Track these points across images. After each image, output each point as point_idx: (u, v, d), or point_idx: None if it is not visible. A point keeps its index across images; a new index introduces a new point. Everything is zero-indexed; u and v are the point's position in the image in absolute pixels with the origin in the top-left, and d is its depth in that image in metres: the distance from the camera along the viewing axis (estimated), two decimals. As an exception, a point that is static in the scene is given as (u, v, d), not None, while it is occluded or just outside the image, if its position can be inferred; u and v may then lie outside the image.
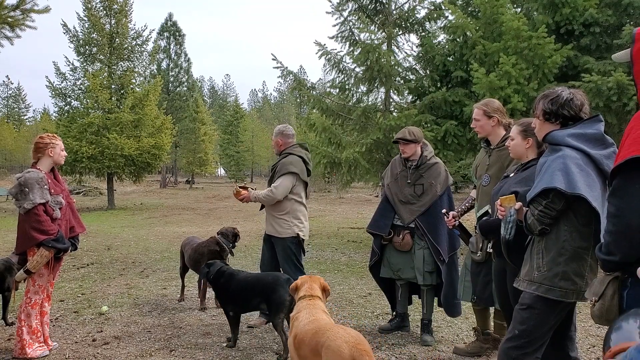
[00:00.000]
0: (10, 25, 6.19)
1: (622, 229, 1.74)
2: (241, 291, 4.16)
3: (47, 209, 3.78)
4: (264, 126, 56.87)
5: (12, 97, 72.38)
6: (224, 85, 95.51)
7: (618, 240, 1.76)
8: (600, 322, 1.91)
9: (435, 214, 4.14)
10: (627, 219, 1.72)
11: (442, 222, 4.04)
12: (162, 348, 4.13)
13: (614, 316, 1.82)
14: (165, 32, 42.05)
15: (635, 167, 1.68)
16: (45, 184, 3.79)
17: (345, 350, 2.56)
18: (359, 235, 11.31)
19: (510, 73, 7.68)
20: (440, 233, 4.16)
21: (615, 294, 1.83)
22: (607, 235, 1.81)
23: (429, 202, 4.22)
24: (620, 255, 1.76)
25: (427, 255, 4.19)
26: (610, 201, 1.80)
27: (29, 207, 3.69)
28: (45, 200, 3.76)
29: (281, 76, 10.44)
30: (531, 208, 2.52)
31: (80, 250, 9.20)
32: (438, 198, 4.22)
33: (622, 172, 1.73)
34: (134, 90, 20.16)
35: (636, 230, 1.70)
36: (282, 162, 4.74)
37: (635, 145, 1.68)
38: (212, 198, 26.37)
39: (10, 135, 53.65)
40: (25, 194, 3.70)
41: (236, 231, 5.40)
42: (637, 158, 1.66)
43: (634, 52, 1.80)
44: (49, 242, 3.75)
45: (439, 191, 4.24)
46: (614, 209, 1.77)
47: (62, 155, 4.01)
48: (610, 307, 1.84)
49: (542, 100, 2.62)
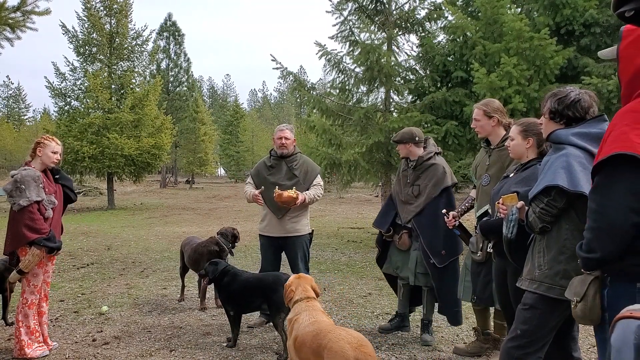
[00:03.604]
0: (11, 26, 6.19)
1: (603, 226, 1.76)
2: (243, 292, 4.16)
3: (40, 207, 3.77)
4: (264, 126, 56.86)
5: (12, 97, 72.38)
6: (224, 85, 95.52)
7: (600, 237, 1.78)
8: (583, 323, 1.92)
9: (430, 215, 4.12)
10: (609, 215, 1.74)
11: (438, 224, 4.02)
12: (162, 348, 4.13)
13: (597, 316, 1.85)
14: (164, 32, 42.03)
15: (617, 163, 1.69)
16: (41, 182, 3.79)
17: (349, 352, 2.55)
18: (359, 235, 11.31)
19: (511, 74, 7.68)
20: (434, 236, 4.10)
21: (597, 293, 1.84)
22: (588, 232, 1.83)
23: (423, 204, 4.20)
24: (601, 252, 1.78)
25: (420, 257, 4.18)
26: (591, 197, 1.82)
27: (24, 204, 3.67)
28: (41, 198, 3.76)
29: (281, 77, 10.44)
30: (533, 205, 2.52)
31: (80, 250, 9.21)
32: (433, 200, 4.17)
33: (605, 169, 1.75)
34: (134, 90, 20.14)
35: (618, 226, 1.73)
36: (308, 161, 4.88)
37: (617, 142, 1.70)
38: (212, 198, 26.37)
39: (10, 135, 53.62)
40: (21, 191, 3.69)
41: (235, 232, 5.38)
42: (620, 155, 1.67)
43: (620, 50, 1.81)
44: (40, 241, 3.74)
45: (434, 193, 4.19)
46: (595, 205, 1.79)
47: (51, 157, 3.91)
48: (592, 307, 1.85)
49: (550, 99, 2.62)
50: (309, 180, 4.74)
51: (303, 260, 4.73)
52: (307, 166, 4.80)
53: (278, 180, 4.67)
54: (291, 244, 4.69)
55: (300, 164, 4.76)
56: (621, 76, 1.82)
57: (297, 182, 4.67)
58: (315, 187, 4.76)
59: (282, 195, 4.41)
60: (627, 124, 1.71)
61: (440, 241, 4.11)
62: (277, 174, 4.71)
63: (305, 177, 4.73)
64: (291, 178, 4.68)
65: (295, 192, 4.47)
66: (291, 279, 3.42)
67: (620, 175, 1.71)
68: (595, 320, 1.86)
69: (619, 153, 1.67)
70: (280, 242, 4.72)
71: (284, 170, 4.71)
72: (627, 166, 1.68)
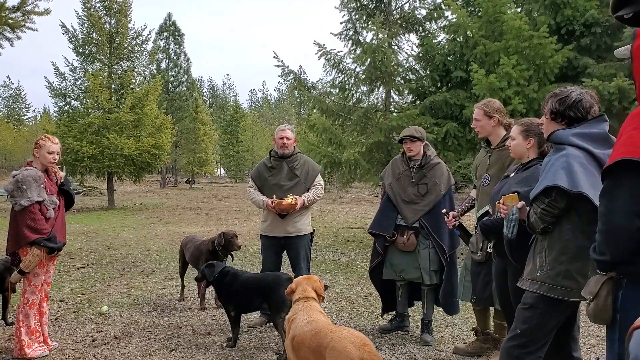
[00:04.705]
0: (11, 26, 6.17)
1: (610, 229, 1.78)
2: (243, 291, 4.16)
3: (42, 207, 3.77)
4: (263, 126, 56.88)
5: (12, 97, 72.37)
6: (224, 85, 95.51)
7: (608, 240, 1.80)
8: (595, 321, 1.93)
9: (438, 213, 4.14)
10: (614, 219, 1.76)
11: (444, 221, 4.04)
12: (162, 348, 4.13)
13: (608, 316, 1.85)
14: (164, 32, 42.01)
15: (623, 168, 1.70)
16: (42, 183, 3.79)
17: (353, 351, 2.54)
18: (359, 235, 11.31)
19: (510, 74, 7.67)
20: (444, 232, 4.16)
21: (609, 294, 1.84)
22: (598, 235, 1.85)
23: (433, 202, 4.22)
24: (610, 255, 1.79)
25: (433, 254, 4.19)
26: (600, 201, 1.84)
27: (25, 204, 3.67)
28: (42, 198, 3.76)
29: (282, 75, 10.45)
30: (534, 206, 2.52)
31: (80, 250, 9.22)
32: (442, 197, 4.23)
33: (611, 173, 1.76)
34: (133, 90, 20.14)
35: (623, 230, 1.74)
36: (308, 161, 4.87)
37: (624, 147, 1.71)
38: (212, 198, 26.36)
39: (10, 135, 53.64)
40: (22, 191, 3.69)
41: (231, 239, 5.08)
42: (625, 160, 1.68)
43: (634, 49, 1.80)
44: (41, 241, 3.73)
45: (442, 191, 4.25)
46: (603, 209, 1.81)
47: (47, 157, 3.90)
48: (604, 307, 1.85)
49: (551, 99, 2.61)
50: (310, 180, 4.74)
51: (305, 260, 4.72)
52: (308, 166, 4.80)
53: (279, 181, 4.67)
54: (293, 244, 4.68)
55: (301, 164, 4.75)
56: (636, 75, 1.82)
57: (299, 183, 4.67)
58: (316, 187, 4.77)
59: (282, 204, 4.46)
60: (635, 127, 1.72)
61: (448, 236, 4.19)
62: (278, 175, 4.71)
63: (307, 177, 4.73)
64: (292, 178, 4.68)
65: (293, 198, 4.50)
66: (298, 278, 3.41)
67: (624, 179, 1.72)
68: (606, 320, 1.86)
69: (624, 159, 1.68)
70: (282, 242, 4.71)
71: (285, 171, 4.71)
72: (632, 171, 1.69)
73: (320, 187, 4.81)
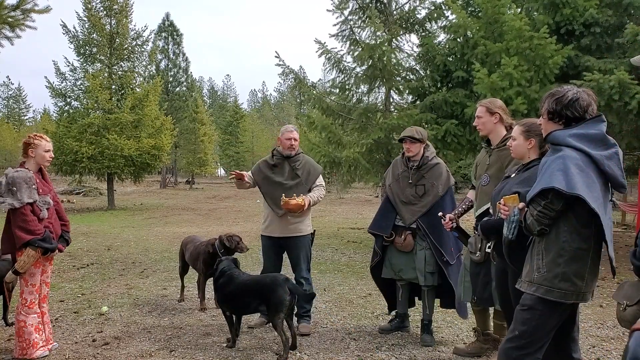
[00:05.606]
0: (11, 25, 6.16)
1: None
2: (240, 294, 4.14)
3: (34, 208, 3.75)
4: (263, 126, 56.86)
5: (12, 98, 72.37)
6: (224, 85, 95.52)
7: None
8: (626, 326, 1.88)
9: (436, 214, 4.13)
10: None
11: (442, 222, 4.03)
12: (162, 348, 4.13)
13: None
14: (162, 32, 41.97)
15: None
16: (33, 184, 3.76)
17: None
18: (359, 236, 11.31)
19: (512, 75, 7.67)
20: (443, 233, 4.13)
21: None
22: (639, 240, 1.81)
23: (430, 203, 4.22)
24: None
25: (429, 256, 4.18)
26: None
27: (17, 205, 3.66)
28: (33, 200, 3.73)
29: (282, 74, 10.47)
30: (530, 208, 2.51)
31: (80, 250, 9.22)
32: (440, 199, 4.23)
33: None
34: (134, 91, 20.15)
35: None
36: (310, 162, 4.86)
37: None
38: (212, 198, 26.36)
39: (10, 136, 53.59)
40: (12, 193, 3.67)
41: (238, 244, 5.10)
42: None
43: None
44: (35, 242, 3.72)
45: (440, 192, 4.24)
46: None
47: (44, 156, 3.89)
48: None
49: (548, 99, 2.60)
50: (311, 180, 4.74)
51: (305, 260, 4.71)
52: (310, 167, 4.80)
53: (282, 180, 4.68)
54: (293, 244, 4.68)
55: (302, 164, 4.76)
56: None
57: (300, 182, 4.67)
58: (318, 188, 4.76)
59: (290, 203, 4.41)
60: None
61: (449, 238, 4.16)
62: (280, 174, 4.71)
63: (308, 178, 4.73)
64: (294, 178, 4.69)
65: (302, 199, 4.48)
66: None
67: None
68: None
69: None
70: (282, 243, 4.71)
71: (287, 170, 4.71)
72: None
73: (323, 188, 4.81)
